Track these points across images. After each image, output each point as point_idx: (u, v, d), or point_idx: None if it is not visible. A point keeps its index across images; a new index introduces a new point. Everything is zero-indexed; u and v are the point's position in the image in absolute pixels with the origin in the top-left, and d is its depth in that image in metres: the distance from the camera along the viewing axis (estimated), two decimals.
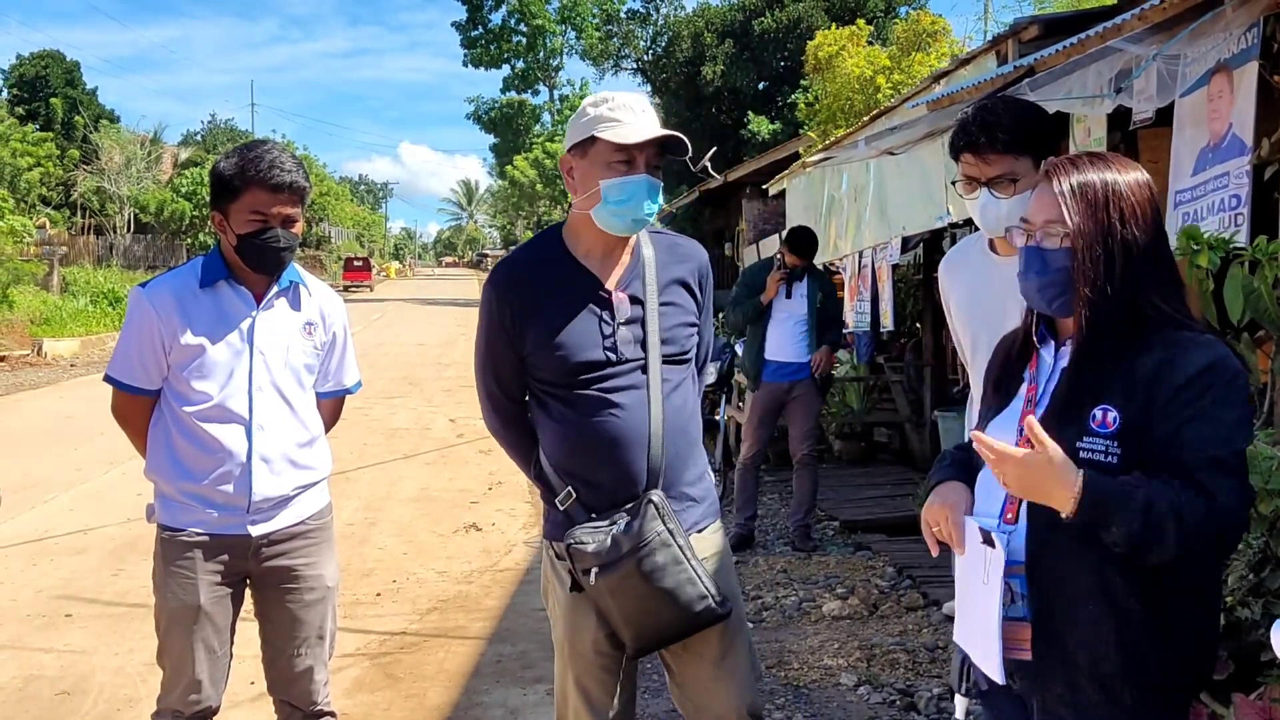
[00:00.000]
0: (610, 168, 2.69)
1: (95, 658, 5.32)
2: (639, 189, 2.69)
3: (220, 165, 3.09)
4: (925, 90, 7.95)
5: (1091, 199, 2.09)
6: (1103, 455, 2.01)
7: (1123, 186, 2.10)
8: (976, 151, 3.00)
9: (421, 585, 6.57)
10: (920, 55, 17.42)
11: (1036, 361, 2.23)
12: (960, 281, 3.38)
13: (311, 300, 3.30)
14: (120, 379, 3.16)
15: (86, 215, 41.81)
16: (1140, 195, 2.11)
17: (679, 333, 2.83)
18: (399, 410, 14.19)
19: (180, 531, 3.13)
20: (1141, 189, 2.12)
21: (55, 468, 10.20)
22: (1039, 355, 2.23)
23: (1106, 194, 2.09)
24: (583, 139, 2.74)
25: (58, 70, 47.17)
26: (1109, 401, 2.02)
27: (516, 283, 2.82)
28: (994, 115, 2.99)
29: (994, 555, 2.09)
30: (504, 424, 2.96)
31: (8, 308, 23.74)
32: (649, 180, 2.70)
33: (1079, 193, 2.10)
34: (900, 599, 6.01)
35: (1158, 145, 5.40)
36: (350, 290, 50.00)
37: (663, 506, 2.68)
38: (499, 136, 63.19)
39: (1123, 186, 2.10)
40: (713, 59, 34.89)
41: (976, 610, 2.18)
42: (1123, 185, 2.10)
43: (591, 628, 2.80)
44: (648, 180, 2.70)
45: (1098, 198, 2.09)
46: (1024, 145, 2.96)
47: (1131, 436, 2.00)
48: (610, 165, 2.69)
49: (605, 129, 2.68)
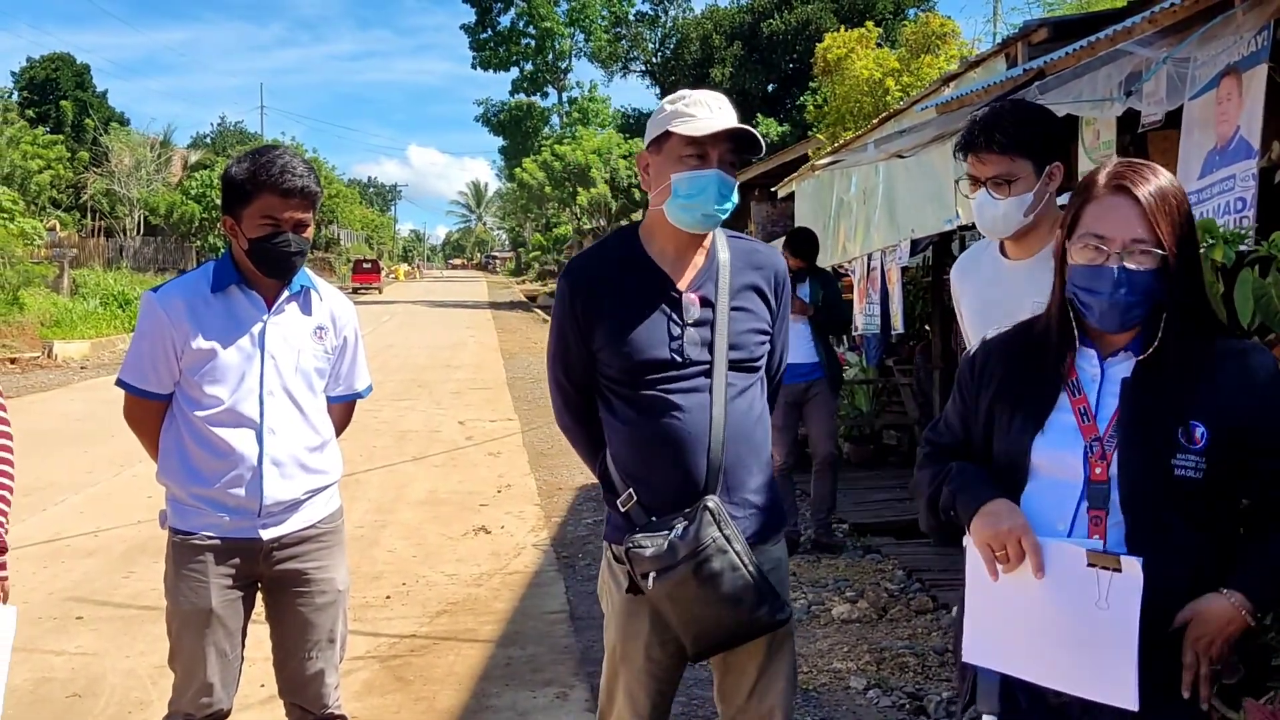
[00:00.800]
0: (682, 161, 2.69)
1: (106, 660, 5.33)
2: (709, 183, 2.68)
3: (232, 170, 3.10)
4: (934, 93, 7.95)
5: (1170, 212, 2.05)
6: (1192, 471, 2.00)
7: (1182, 196, 2.08)
8: (975, 151, 3.02)
9: (431, 588, 6.58)
10: (929, 58, 17.43)
11: (1075, 372, 2.16)
12: (972, 285, 3.38)
13: (322, 305, 3.31)
14: (132, 383, 3.17)
15: (97, 217, 41.90)
16: (1188, 204, 2.09)
17: (748, 339, 2.81)
18: (408, 413, 14.21)
19: (192, 535, 3.14)
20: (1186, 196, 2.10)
21: (66, 470, 10.23)
22: (1077, 366, 2.16)
23: (1184, 207, 2.06)
24: (658, 134, 2.75)
25: (68, 73, 47.29)
26: (1196, 418, 2.00)
27: (589, 278, 2.83)
28: (997, 117, 2.99)
29: (1120, 579, 2.00)
30: (573, 419, 2.97)
31: (18, 310, 23.79)
32: (720, 176, 2.69)
33: (1162, 208, 2.04)
34: (909, 602, 6.01)
35: (1167, 148, 5.39)
36: (359, 292, 50.09)
37: (719, 513, 2.66)
38: (508, 139, 63.25)
39: (1182, 196, 2.08)
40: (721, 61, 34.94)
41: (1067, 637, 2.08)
42: (1181, 195, 2.08)
43: (645, 632, 2.80)
44: (719, 175, 2.69)
45: (1176, 211, 2.05)
46: (1022, 147, 2.96)
47: (1217, 451, 1.99)
48: (682, 159, 2.69)
49: (679, 123, 2.68)
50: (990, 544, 2.15)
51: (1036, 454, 2.19)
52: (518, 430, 12.87)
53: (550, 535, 7.86)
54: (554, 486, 9.57)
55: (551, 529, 8.05)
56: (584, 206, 43.68)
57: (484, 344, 25.82)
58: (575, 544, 7.57)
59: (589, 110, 59.27)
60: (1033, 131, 2.97)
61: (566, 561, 7.13)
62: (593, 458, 2.96)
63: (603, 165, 42.18)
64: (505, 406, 15.03)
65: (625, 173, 41.07)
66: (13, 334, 22.78)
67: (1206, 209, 4.22)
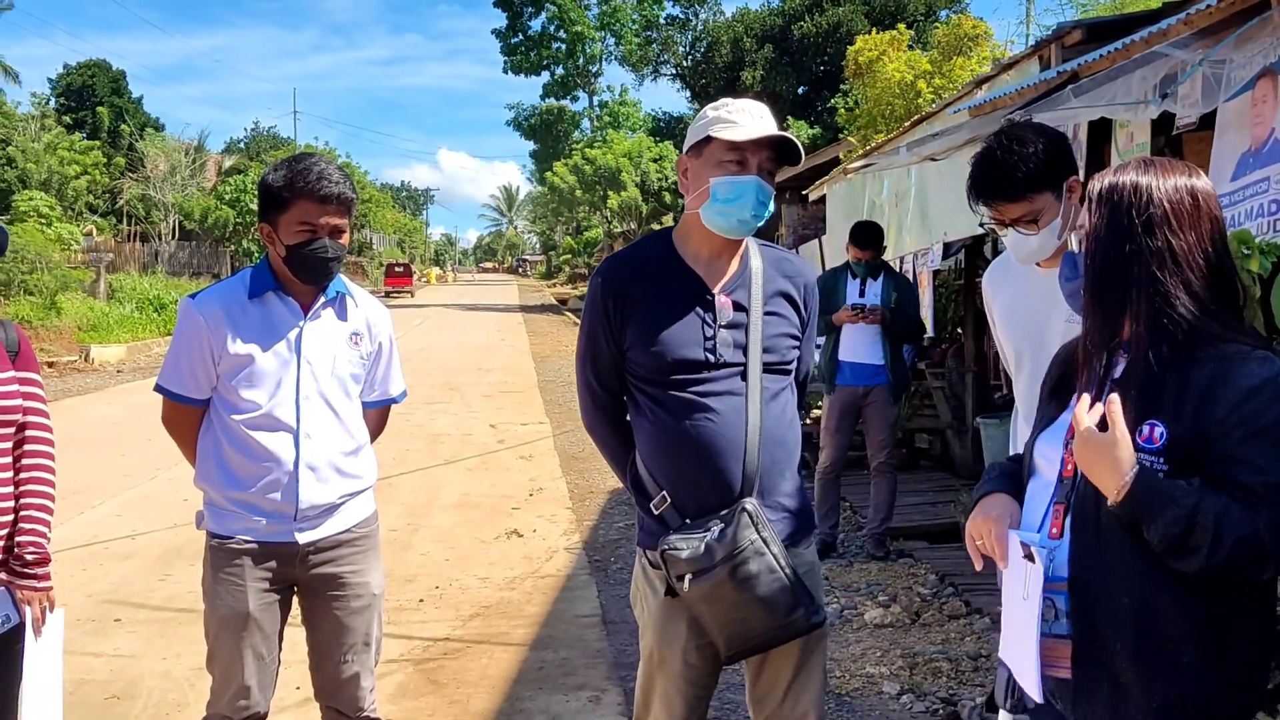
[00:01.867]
0: (721, 166, 2.71)
1: (144, 662, 5.39)
2: (747, 189, 2.70)
3: (269, 177, 3.14)
4: (967, 95, 7.93)
5: (1115, 201, 2.04)
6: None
7: (1158, 190, 2.02)
8: (990, 203, 3.02)
9: (464, 591, 6.61)
10: (961, 60, 17.34)
11: (1087, 371, 2.16)
12: (1004, 292, 3.38)
13: (358, 310, 3.34)
14: (170, 388, 3.20)
15: (132, 222, 42.32)
16: (1179, 200, 2.03)
17: (780, 342, 2.82)
18: (440, 416, 14.27)
19: (229, 539, 3.17)
20: (1181, 193, 2.03)
21: (103, 473, 10.33)
22: (1089, 365, 2.17)
23: (1133, 197, 2.03)
24: (698, 139, 2.77)
25: (104, 79, 47.80)
26: (1156, 417, 1.97)
27: (622, 277, 2.85)
28: (1000, 166, 2.97)
29: (1033, 570, 2.06)
30: (601, 421, 2.98)
31: (56, 314, 24.07)
32: (758, 182, 2.71)
33: (1105, 196, 2.06)
34: (942, 607, 5.98)
35: (1202, 150, 5.36)
36: (391, 296, 50.37)
37: (757, 515, 2.67)
38: (539, 143, 63.48)
39: (1158, 190, 2.02)
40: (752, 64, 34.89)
41: (1018, 626, 2.14)
42: (1158, 189, 2.02)
43: (683, 636, 2.80)
44: (757, 182, 2.70)
45: (1122, 200, 2.04)
46: (1035, 184, 2.96)
47: (1179, 453, 1.95)
48: (721, 164, 2.71)
49: (721, 129, 2.70)
50: (971, 534, 2.25)
51: (1037, 451, 2.23)
52: (549, 433, 12.90)
53: (582, 539, 7.88)
54: (585, 490, 9.59)
55: (583, 532, 8.07)
56: (614, 210, 43.70)
57: (515, 347, 25.89)
58: (607, 547, 7.58)
59: (619, 114, 59.38)
60: (1038, 164, 2.96)
61: (598, 565, 7.14)
62: (620, 461, 2.98)
63: (633, 169, 42.19)
64: (536, 409, 15.07)
65: (656, 176, 41.07)
66: (50, 338, 23.05)
67: (1239, 212, 4.19)
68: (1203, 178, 2.08)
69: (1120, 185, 2.05)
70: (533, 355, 23.60)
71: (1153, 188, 2.03)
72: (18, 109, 39.09)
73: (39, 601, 3.10)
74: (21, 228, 26.58)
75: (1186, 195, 2.04)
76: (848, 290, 7.14)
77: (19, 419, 3.11)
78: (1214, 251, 2.03)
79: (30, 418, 3.16)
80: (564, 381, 17.73)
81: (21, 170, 33.18)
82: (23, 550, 3.06)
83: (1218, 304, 2.02)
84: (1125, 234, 2.02)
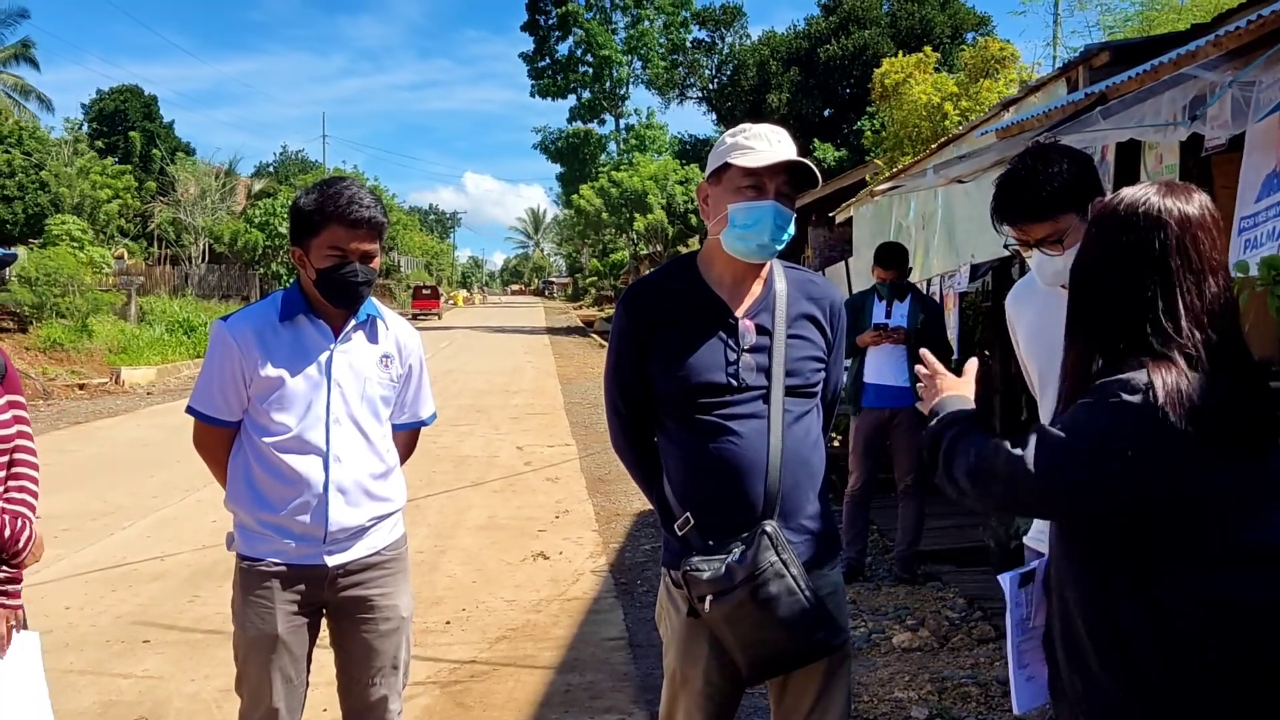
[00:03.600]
0: (740, 193, 2.74)
1: (172, 684, 5.40)
2: (765, 214, 2.72)
3: (300, 202, 3.16)
4: (994, 118, 7.92)
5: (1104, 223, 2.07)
6: None
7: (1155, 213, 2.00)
8: (1015, 222, 3.01)
9: (490, 614, 6.60)
10: (988, 82, 17.32)
11: None
12: (1027, 314, 3.37)
13: (388, 333, 3.36)
14: (202, 410, 3.23)
15: (163, 246, 42.67)
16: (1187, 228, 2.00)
17: (805, 365, 2.84)
18: (467, 438, 14.30)
19: (259, 561, 3.19)
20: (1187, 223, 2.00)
21: (133, 495, 10.40)
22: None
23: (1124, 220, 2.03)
24: (717, 166, 2.80)
25: (136, 104, 48.27)
26: None
27: (647, 302, 2.89)
28: (1024, 185, 2.96)
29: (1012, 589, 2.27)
30: (629, 444, 3.02)
31: (87, 337, 24.27)
32: (777, 207, 2.73)
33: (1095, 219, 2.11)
34: (971, 631, 5.94)
35: (1230, 171, 5.33)
36: (419, 318, 50.59)
37: (777, 537, 2.68)
38: (565, 166, 63.66)
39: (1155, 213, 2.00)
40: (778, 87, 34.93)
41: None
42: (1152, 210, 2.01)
43: (705, 657, 2.82)
44: (775, 207, 2.73)
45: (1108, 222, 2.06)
46: (1060, 205, 2.93)
47: None
48: (739, 190, 2.74)
49: (738, 155, 2.73)
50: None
51: None
52: (575, 455, 12.91)
53: (608, 561, 7.87)
54: (611, 512, 9.58)
55: (609, 555, 8.06)
56: (640, 232, 43.80)
57: (541, 369, 25.94)
58: (633, 570, 7.57)
59: (646, 137, 59.50)
60: (1063, 184, 2.93)
61: (625, 588, 7.13)
62: (648, 483, 3.00)
63: (659, 191, 42.29)
64: (563, 432, 15.09)
65: (682, 198, 41.14)
66: (81, 360, 23.24)
67: (1263, 232, 4.17)
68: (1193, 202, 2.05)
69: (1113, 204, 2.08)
70: (559, 377, 23.64)
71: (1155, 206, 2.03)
72: (51, 134, 39.56)
73: (5, 620, 3.05)
74: (54, 251, 26.81)
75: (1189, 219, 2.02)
76: (874, 311, 7.12)
77: (10, 446, 3.13)
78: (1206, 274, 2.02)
79: (18, 440, 3.17)
80: (590, 403, 17.75)
81: (55, 194, 33.50)
82: None
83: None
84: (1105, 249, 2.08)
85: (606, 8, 59.22)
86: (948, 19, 34.91)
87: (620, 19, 59.44)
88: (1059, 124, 5.45)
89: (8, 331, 23.74)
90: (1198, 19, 10.23)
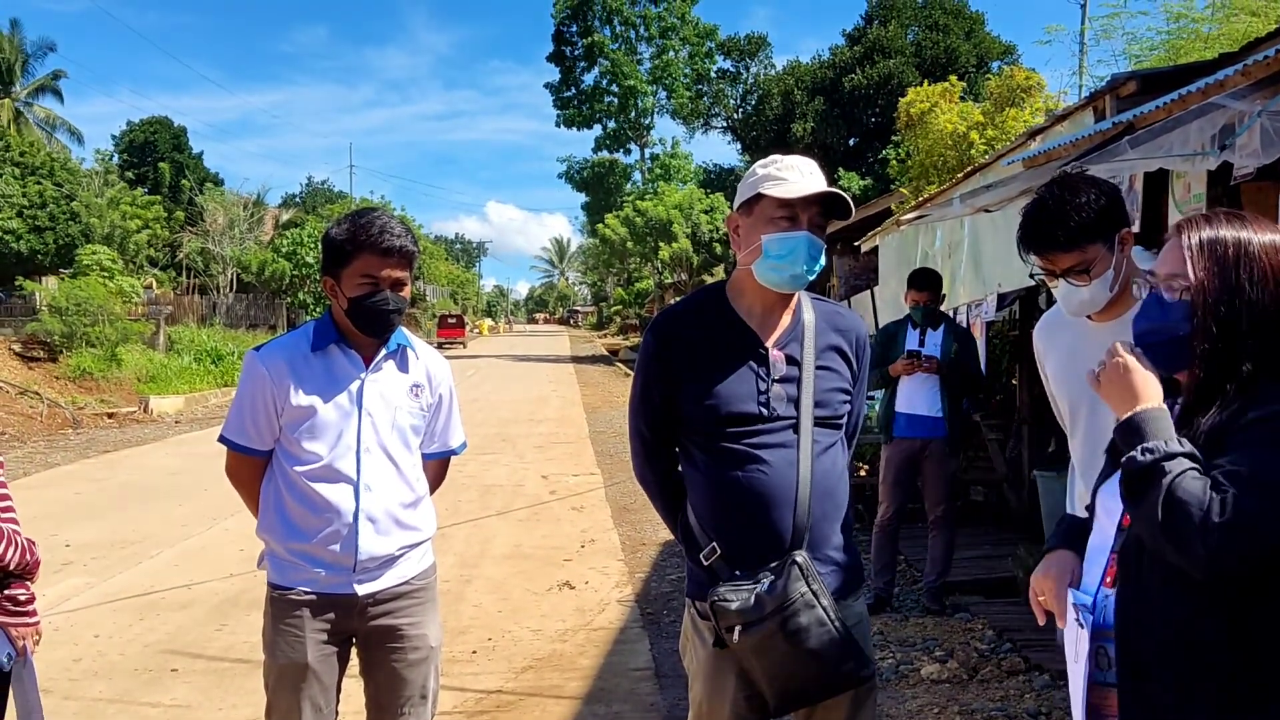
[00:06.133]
0: (773, 223, 2.75)
1: (200, 713, 5.42)
2: (799, 245, 2.73)
3: (332, 232, 3.20)
4: (1020, 147, 7.91)
5: (1220, 255, 2.02)
6: None
7: (1255, 247, 2.02)
8: (1042, 252, 3.00)
9: (516, 643, 6.59)
10: (1014, 111, 17.27)
11: None
12: (1056, 346, 3.35)
13: (419, 363, 3.38)
14: (234, 439, 3.25)
15: (191, 275, 43.04)
16: (1274, 259, 2.02)
17: (832, 396, 2.84)
18: (493, 467, 14.31)
19: (289, 590, 3.20)
20: (1275, 252, 2.02)
21: (161, 523, 10.44)
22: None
23: (1238, 252, 2.02)
24: (749, 197, 2.81)
25: (165, 136, 48.84)
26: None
27: (676, 331, 2.90)
28: (1052, 215, 2.94)
29: (1081, 635, 2.08)
30: (653, 472, 3.02)
31: (116, 366, 24.48)
32: (810, 238, 2.74)
33: (1207, 248, 2.04)
34: (1001, 663, 5.88)
35: (1260, 199, 5.31)
36: (444, 347, 50.75)
37: (808, 568, 2.68)
38: (590, 195, 63.96)
39: (1255, 247, 2.02)
40: (803, 116, 35.00)
41: (1073, 684, 2.15)
42: (1256, 245, 2.02)
43: (731, 689, 2.80)
44: (808, 238, 2.74)
45: (1227, 255, 2.02)
46: (1088, 235, 2.92)
47: None
48: (773, 220, 2.75)
49: (771, 186, 2.74)
50: (1034, 590, 2.27)
51: (1099, 503, 2.21)
52: (600, 485, 12.90)
53: (634, 591, 7.85)
54: (637, 542, 9.56)
55: (635, 585, 8.04)
56: (665, 261, 43.81)
57: (566, 398, 25.95)
58: (659, 600, 7.55)
59: (671, 166, 59.73)
60: (1090, 214, 2.92)
61: (651, 618, 7.11)
62: (670, 512, 3.00)
63: (684, 220, 42.33)
64: (588, 461, 15.08)
65: (707, 228, 41.19)
66: (111, 389, 23.45)
67: None
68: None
69: (1222, 239, 2.04)
70: (584, 406, 23.65)
71: (1252, 242, 2.03)
72: (82, 165, 40.02)
73: (30, 636, 3.22)
74: (85, 281, 27.12)
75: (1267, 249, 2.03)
76: (907, 340, 7.11)
77: None
78: None
79: None
80: (615, 432, 17.75)
81: (85, 225, 33.84)
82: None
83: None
84: (1232, 288, 2.01)
85: (632, 39, 59.63)
86: (973, 48, 34.96)
87: (645, 49, 59.91)
88: (1086, 153, 5.44)
89: (38, 360, 24.00)
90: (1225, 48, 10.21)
